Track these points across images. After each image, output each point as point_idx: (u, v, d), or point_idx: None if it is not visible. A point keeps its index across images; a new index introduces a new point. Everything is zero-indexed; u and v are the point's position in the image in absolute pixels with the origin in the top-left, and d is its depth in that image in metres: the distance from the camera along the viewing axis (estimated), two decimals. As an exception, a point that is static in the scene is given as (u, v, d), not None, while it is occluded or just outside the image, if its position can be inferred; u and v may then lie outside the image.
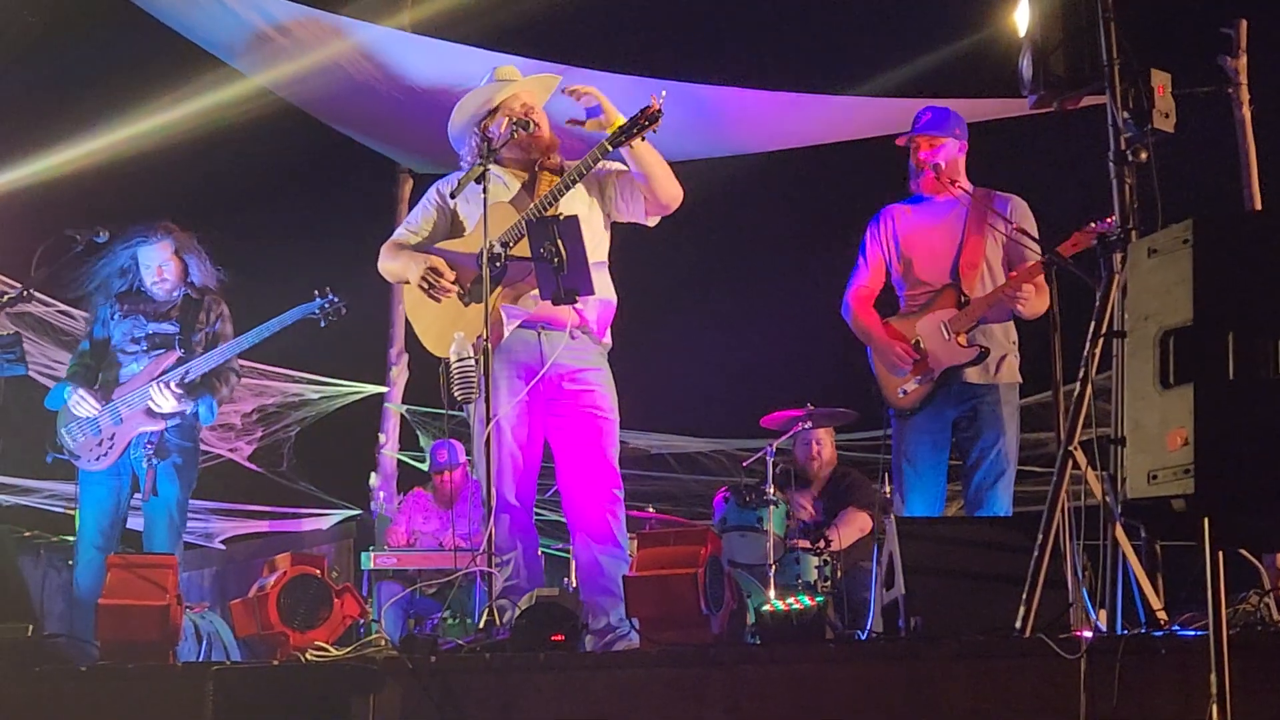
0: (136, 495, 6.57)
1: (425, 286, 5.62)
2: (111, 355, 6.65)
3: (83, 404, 6.46)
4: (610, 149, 5.51)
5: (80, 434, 6.48)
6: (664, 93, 5.44)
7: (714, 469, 10.93)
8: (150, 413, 6.45)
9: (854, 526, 7.96)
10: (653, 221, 5.83)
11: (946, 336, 6.12)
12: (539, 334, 5.61)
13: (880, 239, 6.38)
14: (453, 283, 5.59)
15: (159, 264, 6.68)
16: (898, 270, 6.38)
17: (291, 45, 7.89)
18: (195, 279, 6.77)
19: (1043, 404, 7.70)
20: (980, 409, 6.12)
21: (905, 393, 6.19)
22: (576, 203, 5.62)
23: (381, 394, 10.82)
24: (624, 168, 5.69)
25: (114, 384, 6.56)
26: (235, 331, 6.73)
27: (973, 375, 6.13)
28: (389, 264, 5.85)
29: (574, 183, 5.52)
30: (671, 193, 5.69)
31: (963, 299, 6.13)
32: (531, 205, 5.52)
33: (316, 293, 6.56)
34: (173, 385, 6.41)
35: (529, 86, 5.84)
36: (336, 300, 6.55)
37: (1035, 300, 5.98)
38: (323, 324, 6.59)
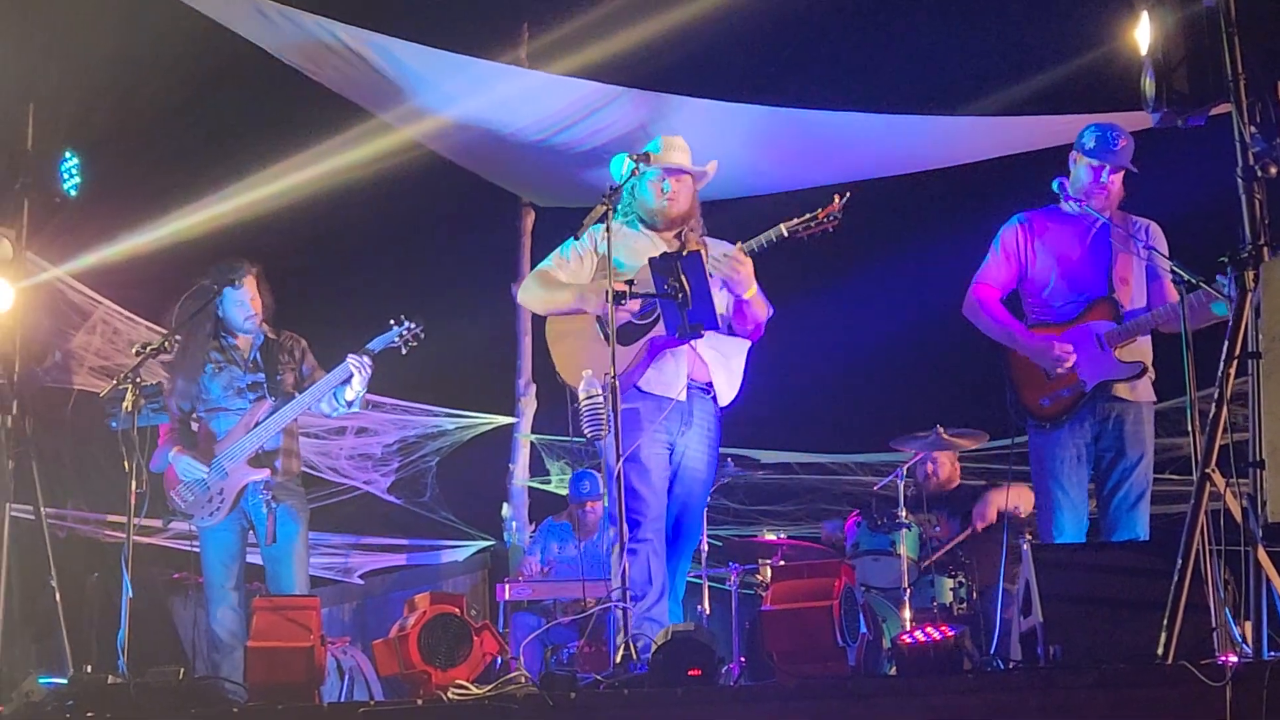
0: (251, 533, 6.63)
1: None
2: (210, 413, 6.65)
3: (191, 469, 6.52)
4: (785, 235, 5.65)
5: (189, 494, 6.54)
6: (848, 194, 5.57)
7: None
8: (253, 462, 6.50)
9: (994, 505, 7.83)
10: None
11: (1102, 348, 6.03)
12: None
13: (1019, 243, 6.22)
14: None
15: (248, 303, 6.67)
16: (1036, 279, 6.20)
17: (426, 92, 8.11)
18: (268, 315, 6.78)
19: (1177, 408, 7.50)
20: (1125, 427, 5.99)
21: (1049, 401, 6.09)
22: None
23: (511, 424, 10.96)
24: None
25: (212, 438, 6.60)
26: (320, 360, 6.78)
27: (1120, 390, 6.01)
28: (547, 293, 5.96)
29: (751, 254, 5.67)
30: (759, 324, 5.91)
31: (1119, 312, 6.04)
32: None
33: (393, 321, 6.55)
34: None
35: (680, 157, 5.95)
36: (414, 326, 6.53)
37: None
38: (404, 351, 6.56)
